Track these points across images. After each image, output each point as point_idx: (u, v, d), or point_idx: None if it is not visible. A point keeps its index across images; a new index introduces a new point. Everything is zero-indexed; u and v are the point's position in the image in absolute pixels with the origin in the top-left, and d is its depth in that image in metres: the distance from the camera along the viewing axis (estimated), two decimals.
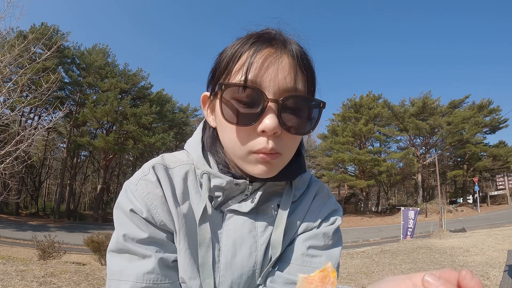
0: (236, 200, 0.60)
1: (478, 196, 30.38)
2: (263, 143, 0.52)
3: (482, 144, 35.14)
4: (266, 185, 0.60)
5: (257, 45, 0.54)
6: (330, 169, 36.00)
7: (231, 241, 0.58)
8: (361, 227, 26.87)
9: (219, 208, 0.60)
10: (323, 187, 0.68)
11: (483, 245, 8.38)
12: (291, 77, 0.53)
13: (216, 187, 0.59)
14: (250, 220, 0.60)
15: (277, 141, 0.53)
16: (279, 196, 0.62)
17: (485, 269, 5.62)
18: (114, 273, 0.55)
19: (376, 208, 41.13)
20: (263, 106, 0.51)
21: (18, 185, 21.65)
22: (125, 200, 0.59)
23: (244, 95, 0.51)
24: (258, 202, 0.59)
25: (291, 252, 0.61)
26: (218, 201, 0.60)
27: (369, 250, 9.23)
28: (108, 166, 33.95)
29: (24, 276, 4.82)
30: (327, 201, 0.67)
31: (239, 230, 0.59)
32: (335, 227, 0.64)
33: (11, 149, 8.36)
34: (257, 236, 0.59)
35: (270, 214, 0.61)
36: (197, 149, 0.62)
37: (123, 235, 0.56)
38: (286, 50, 0.54)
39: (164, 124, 34.88)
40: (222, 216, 0.60)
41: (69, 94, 31.93)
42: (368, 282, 5.30)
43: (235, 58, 0.55)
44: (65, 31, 29.05)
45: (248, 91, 0.51)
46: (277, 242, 0.58)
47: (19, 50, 8.62)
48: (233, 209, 0.60)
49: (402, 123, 34.61)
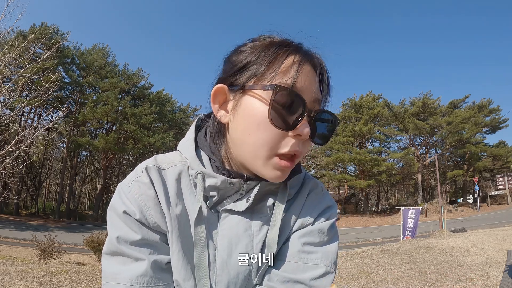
0: (231, 199, 0.60)
1: (478, 196, 30.38)
2: (294, 146, 0.54)
3: (482, 144, 35.16)
4: (261, 184, 0.60)
5: (300, 53, 0.56)
6: (330, 169, 36.01)
7: (226, 241, 0.58)
8: (361, 227, 26.89)
9: (214, 208, 0.60)
10: (317, 184, 0.68)
11: (483, 245, 8.38)
12: (324, 92, 0.58)
13: (211, 187, 0.58)
14: (246, 219, 0.60)
15: (303, 145, 0.56)
16: (274, 195, 0.62)
17: (485, 269, 5.62)
18: (108, 276, 0.55)
19: (376, 208, 41.12)
20: (302, 113, 0.53)
21: (18, 185, 21.65)
22: (118, 201, 0.59)
23: (289, 99, 0.53)
24: (253, 201, 0.60)
25: (287, 249, 0.61)
26: (213, 201, 0.60)
27: (369, 250, 9.24)
28: (108, 166, 33.96)
29: (24, 276, 4.82)
30: (322, 198, 0.67)
31: (235, 229, 0.59)
32: (330, 223, 0.64)
33: (11, 149, 8.36)
34: (253, 235, 0.59)
35: (265, 213, 0.61)
36: (191, 149, 0.62)
37: (117, 237, 0.56)
38: (315, 62, 0.58)
39: (164, 124, 34.88)
40: (218, 215, 0.60)
41: (69, 94, 31.93)
42: (368, 282, 5.30)
43: (277, 60, 0.55)
44: (65, 31, 29.06)
45: (294, 97, 0.53)
46: (273, 240, 0.58)
47: (19, 50, 8.61)
48: (228, 208, 0.59)
49: (402, 123, 34.62)
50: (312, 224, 0.63)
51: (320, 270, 0.59)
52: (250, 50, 0.57)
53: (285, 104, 0.52)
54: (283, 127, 0.53)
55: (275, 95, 0.52)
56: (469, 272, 5.49)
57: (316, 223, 0.63)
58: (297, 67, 0.54)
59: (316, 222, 0.63)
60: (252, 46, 0.58)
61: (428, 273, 5.60)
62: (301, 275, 0.58)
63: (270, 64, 0.55)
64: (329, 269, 0.60)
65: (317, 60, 0.58)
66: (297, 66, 0.54)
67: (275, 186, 0.62)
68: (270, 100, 0.52)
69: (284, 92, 0.52)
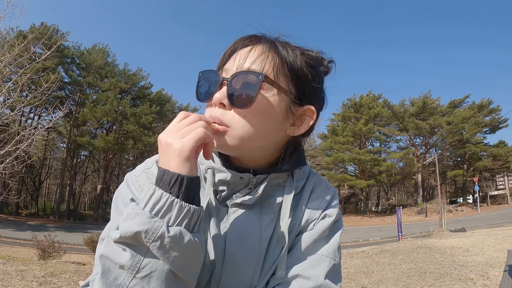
0: (240, 194, 0.61)
1: (478, 196, 30.36)
2: (209, 113, 0.58)
3: (482, 144, 35.18)
4: (269, 178, 0.62)
5: (237, 41, 0.61)
6: (330, 169, 36.01)
7: (236, 235, 0.59)
8: (361, 227, 26.88)
9: (223, 203, 0.61)
10: (320, 179, 0.71)
11: (483, 245, 8.37)
12: (245, 59, 0.57)
13: (221, 182, 0.60)
14: (254, 214, 0.61)
15: (225, 113, 0.56)
16: (282, 189, 0.64)
17: (485, 269, 5.61)
18: (104, 238, 0.52)
19: (376, 208, 41.16)
20: (218, 84, 0.58)
21: (18, 185, 21.66)
22: (125, 190, 0.60)
23: (209, 79, 0.60)
24: (261, 196, 0.61)
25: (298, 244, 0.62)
26: (223, 195, 0.61)
27: (369, 250, 9.23)
28: (108, 166, 33.96)
29: (24, 276, 4.82)
30: (327, 192, 0.69)
31: (244, 223, 0.60)
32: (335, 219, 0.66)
33: (11, 149, 8.36)
34: (261, 229, 0.60)
35: (274, 208, 0.62)
36: None
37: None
38: (258, 42, 0.60)
39: (164, 124, 34.82)
40: (227, 210, 0.61)
41: (69, 94, 31.95)
42: (368, 282, 5.30)
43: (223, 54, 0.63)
44: (65, 31, 29.08)
45: (210, 74, 0.60)
46: (284, 233, 0.59)
47: (19, 50, 8.61)
48: (237, 202, 0.60)
49: (402, 123, 34.63)
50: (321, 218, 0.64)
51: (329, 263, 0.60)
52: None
53: (203, 82, 0.61)
54: (201, 98, 0.60)
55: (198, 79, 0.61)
56: (469, 272, 5.48)
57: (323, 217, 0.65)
58: (225, 51, 0.62)
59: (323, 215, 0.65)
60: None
61: (428, 273, 5.59)
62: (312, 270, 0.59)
63: (223, 57, 0.63)
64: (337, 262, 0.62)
65: (257, 39, 0.60)
66: (225, 50, 0.62)
67: (282, 179, 0.64)
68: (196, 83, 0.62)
69: (200, 74, 0.61)
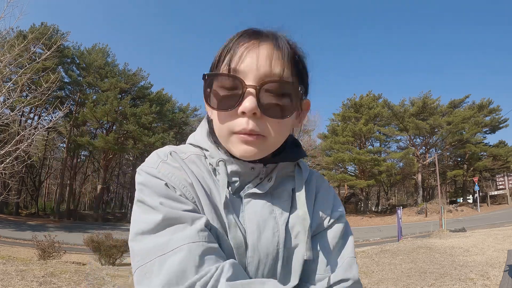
0: (252, 184, 0.62)
1: (478, 196, 30.33)
2: (243, 124, 0.54)
3: (482, 144, 35.15)
4: (279, 166, 0.63)
5: (241, 38, 0.58)
6: (330, 169, 35.98)
7: (254, 224, 0.59)
8: (361, 227, 26.85)
9: (236, 194, 0.62)
10: (322, 178, 0.73)
11: (483, 245, 8.37)
12: (269, 64, 0.55)
13: (233, 173, 0.60)
14: (268, 203, 0.61)
15: (258, 123, 0.54)
16: (290, 178, 0.65)
17: (485, 269, 5.62)
18: (152, 250, 0.49)
19: (376, 208, 41.16)
20: (242, 92, 0.54)
21: (18, 185, 21.67)
22: (152, 179, 0.56)
23: (226, 84, 0.55)
24: (273, 184, 0.62)
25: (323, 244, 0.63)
26: (235, 186, 0.61)
27: (369, 250, 9.22)
28: (108, 166, 33.96)
29: (24, 276, 4.82)
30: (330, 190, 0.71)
31: (260, 212, 0.60)
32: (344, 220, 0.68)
33: (11, 149, 8.36)
34: (277, 217, 0.61)
35: (284, 196, 0.63)
36: (207, 140, 0.64)
37: (160, 202, 0.53)
38: (267, 40, 0.57)
39: (164, 124, 34.88)
40: (241, 201, 0.61)
41: (69, 94, 31.95)
42: (368, 282, 5.30)
43: (223, 52, 0.58)
44: (65, 31, 29.05)
45: (229, 80, 0.55)
46: (304, 213, 0.60)
47: (19, 50, 8.61)
48: (251, 192, 0.61)
49: (402, 123, 34.62)
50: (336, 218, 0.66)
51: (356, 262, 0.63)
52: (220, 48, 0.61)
53: (220, 88, 0.56)
54: (224, 108, 0.55)
55: (205, 83, 0.57)
56: (469, 272, 5.48)
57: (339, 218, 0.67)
58: (232, 52, 0.56)
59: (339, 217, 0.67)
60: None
61: (428, 273, 5.59)
62: (350, 273, 0.60)
63: (221, 56, 0.58)
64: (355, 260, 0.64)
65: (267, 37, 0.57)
66: (232, 51, 0.56)
67: (290, 169, 0.66)
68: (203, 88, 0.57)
69: (212, 77, 0.57)
